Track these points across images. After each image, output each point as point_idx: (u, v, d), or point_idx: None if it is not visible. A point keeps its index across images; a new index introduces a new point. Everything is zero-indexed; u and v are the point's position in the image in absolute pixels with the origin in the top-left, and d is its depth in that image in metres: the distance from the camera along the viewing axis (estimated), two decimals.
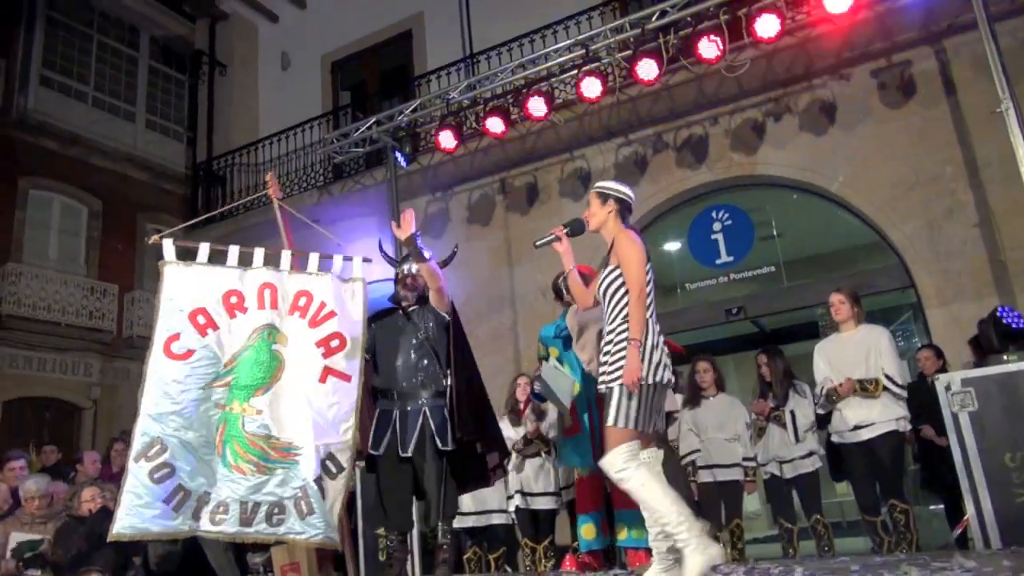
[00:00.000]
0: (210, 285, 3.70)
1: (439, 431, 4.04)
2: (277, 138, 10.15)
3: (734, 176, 7.72)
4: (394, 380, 4.15)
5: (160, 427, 3.40)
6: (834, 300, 5.02)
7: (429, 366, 4.16)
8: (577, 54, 7.04)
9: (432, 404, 4.10)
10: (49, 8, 13.57)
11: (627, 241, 3.26)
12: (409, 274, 4.36)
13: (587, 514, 4.36)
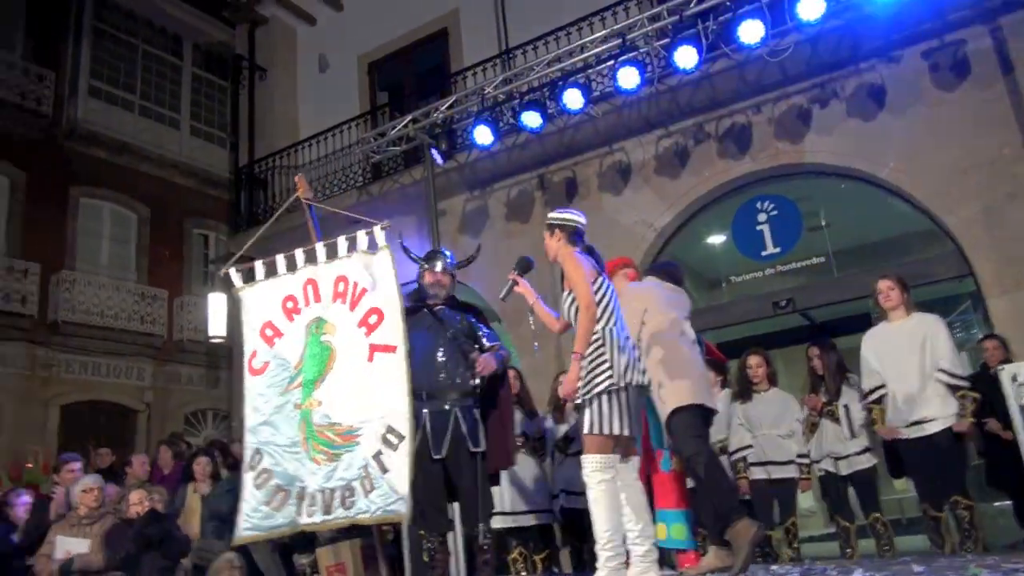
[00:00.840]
0: (270, 298, 3.94)
1: (471, 433, 4.02)
2: (316, 140, 10.22)
3: (779, 165, 7.51)
4: (422, 380, 4.04)
5: (256, 438, 3.77)
6: (882, 287, 4.82)
7: (457, 366, 4.13)
8: (614, 44, 6.91)
9: (461, 405, 4.08)
10: (96, 20, 13.91)
11: (570, 263, 3.59)
12: (432, 271, 4.33)
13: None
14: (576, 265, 3.56)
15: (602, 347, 3.45)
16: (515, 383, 5.68)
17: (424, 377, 4.08)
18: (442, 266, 4.40)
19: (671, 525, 4.14)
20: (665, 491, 4.16)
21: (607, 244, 7.85)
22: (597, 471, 3.37)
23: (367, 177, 9.86)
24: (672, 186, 7.91)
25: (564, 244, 3.72)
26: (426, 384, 4.08)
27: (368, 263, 3.78)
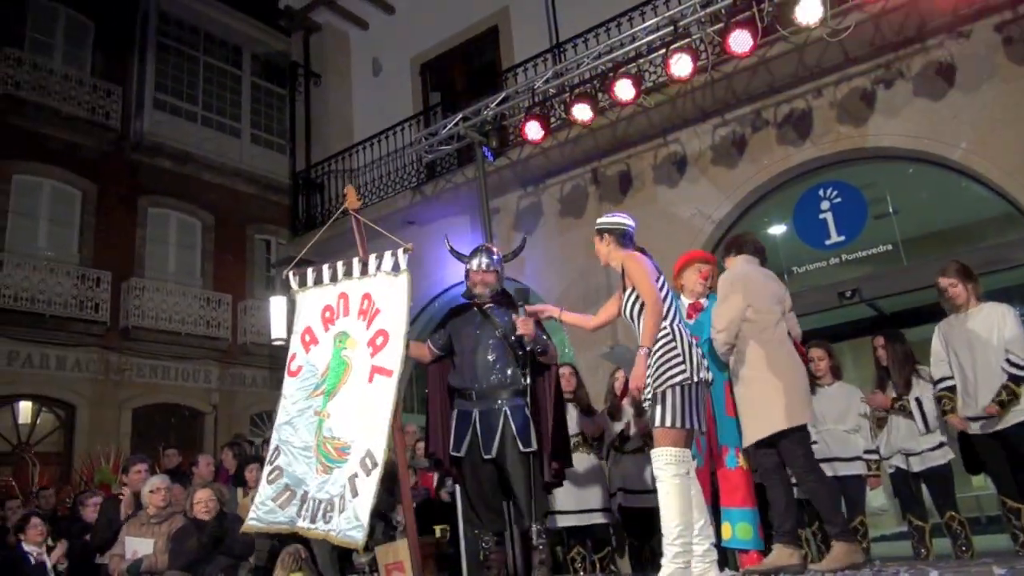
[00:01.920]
0: (313, 305, 4.06)
1: (521, 432, 3.96)
2: (370, 142, 10.31)
3: (842, 150, 7.22)
4: (472, 379, 4.08)
5: (279, 436, 3.91)
6: (944, 285, 4.60)
7: (507, 364, 4.08)
8: (665, 32, 6.75)
9: (511, 404, 4.02)
10: (160, 35, 14.37)
11: (632, 263, 3.62)
12: (481, 270, 4.25)
13: None
14: (638, 264, 3.61)
15: (672, 342, 3.46)
16: (571, 380, 5.61)
17: (473, 376, 4.08)
18: (484, 263, 4.30)
19: (736, 524, 4.00)
20: (731, 488, 4.03)
21: (664, 237, 7.74)
22: (671, 464, 3.36)
23: (421, 178, 9.90)
24: (730, 176, 7.69)
25: (615, 248, 3.80)
26: (475, 383, 4.06)
27: (389, 284, 3.84)
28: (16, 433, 11.92)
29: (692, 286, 4.40)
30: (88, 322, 12.28)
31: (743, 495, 4.01)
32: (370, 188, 10.23)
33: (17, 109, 12.29)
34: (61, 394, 12.21)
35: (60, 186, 12.97)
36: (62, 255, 12.68)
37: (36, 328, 11.77)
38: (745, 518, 3.99)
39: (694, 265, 4.41)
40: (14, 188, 12.35)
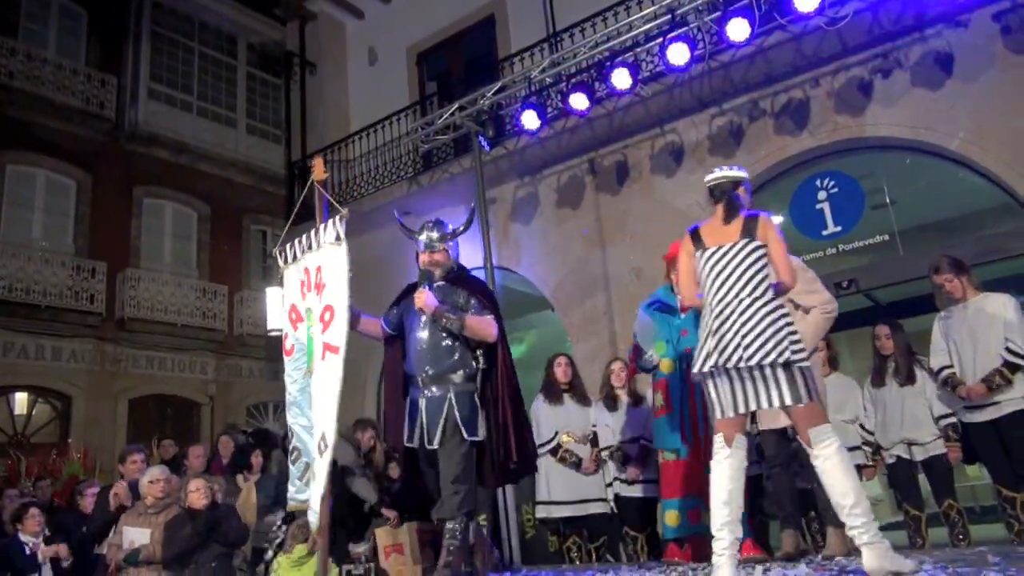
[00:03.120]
0: (293, 280, 3.92)
1: (466, 421, 3.74)
2: (367, 132, 10.27)
3: (839, 140, 7.21)
4: (420, 365, 3.85)
5: (289, 417, 3.92)
6: (940, 282, 4.62)
7: (457, 348, 3.84)
8: (663, 20, 6.72)
9: (460, 390, 3.80)
10: (154, 24, 14.26)
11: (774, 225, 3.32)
12: (430, 248, 4.00)
13: (671, 500, 4.13)
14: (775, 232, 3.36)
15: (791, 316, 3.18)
16: (567, 370, 5.60)
17: (421, 361, 3.85)
18: (432, 239, 4.03)
19: None
20: None
21: (661, 228, 7.72)
22: (834, 436, 3.04)
23: (417, 168, 9.87)
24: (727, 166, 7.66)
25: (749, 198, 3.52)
26: (423, 369, 3.84)
27: (333, 255, 3.66)
28: (12, 424, 11.90)
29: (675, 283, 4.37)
30: (84, 313, 12.23)
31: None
32: (366, 178, 10.20)
33: (11, 99, 12.20)
34: (57, 385, 12.17)
35: (55, 176, 12.90)
36: (57, 245, 12.62)
37: (31, 319, 11.72)
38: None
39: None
40: (8, 178, 12.27)
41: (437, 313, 3.79)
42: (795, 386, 3.02)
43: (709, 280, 3.25)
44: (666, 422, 4.20)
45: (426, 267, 3.98)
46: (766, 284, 3.16)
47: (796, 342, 3.04)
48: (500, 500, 5.64)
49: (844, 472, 2.97)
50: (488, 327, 3.84)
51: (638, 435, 5.28)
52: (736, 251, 3.21)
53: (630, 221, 8.12)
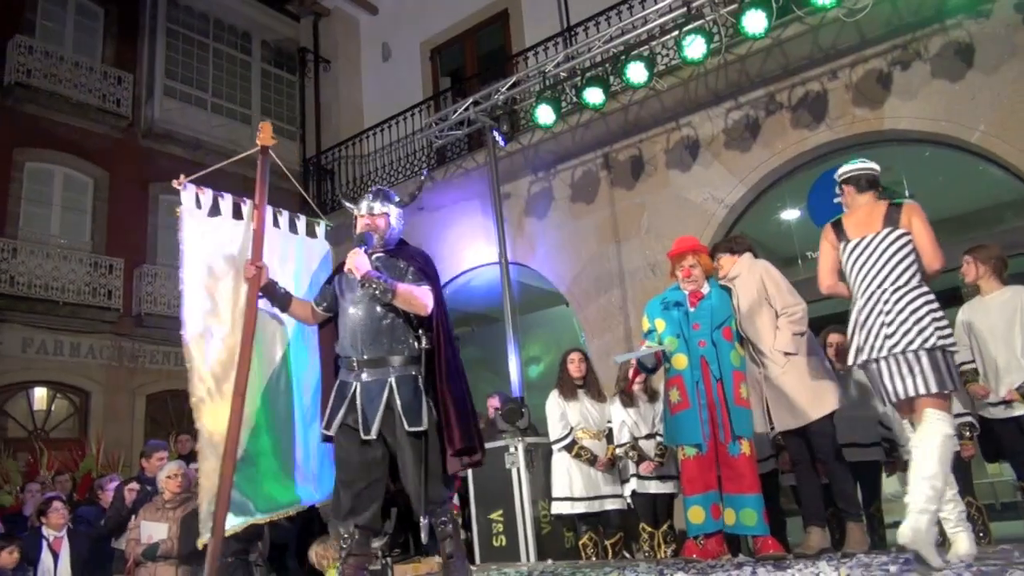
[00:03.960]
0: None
1: (407, 408, 3.32)
2: (381, 128, 10.28)
3: (858, 133, 7.13)
4: (355, 345, 3.44)
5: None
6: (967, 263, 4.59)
7: (398, 326, 3.43)
8: (678, 13, 6.66)
9: (401, 374, 3.38)
10: (169, 22, 14.30)
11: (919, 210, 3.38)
12: (371, 213, 3.61)
13: (694, 496, 4.11)
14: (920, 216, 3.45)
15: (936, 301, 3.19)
16: (581, 366, 5.58)
17: (355, 341, 3.45)
18: (372, 206, 3.62)
19: (740, 510, 3.98)
20: (735, 476, 4.01)
21: (677, 222, 7.68)
22: (946, 422, 3.05)
23: (431, 163, 9.86)
24: (743, 160, 7.62)
25: (856, 195, 3.63)
26: (358, 350, 3.44)
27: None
28: (32, 419, 12.02)
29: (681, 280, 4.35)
30: (101, 309, 12.30)
31: (748, 482, 3.98)
32: (380, 174, 10.21)
33: (29, 97, 12.29)
34: (75, 380, 12.27)
35: (72, 173, 12.97)
36: (75, 242, 12.71)
37: (50, 315, 11.82)
38: (749, 504, 3.97)
39: (685, 259, 4.32)
40: (26, 176, 12.36)
41: (366, 277, 3.36)
42: (939, 373, 3.03)
43: (853, 273, 3.33)
44: (684, 418, 4.17)
45: (363, 230, 3.58)
46: (911, 271, 3.21)
47: (942, 327, 3.07)
48: (515, 495, 5.63)
49: (942, 460, 2.96)
50: (422, 296, 3.41)
51: (654, 431, 5.26)
52: (879, 241, 3.29)
53: (645, 216, 8.08)
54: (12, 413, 11.84)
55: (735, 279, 4.33)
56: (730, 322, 4.15)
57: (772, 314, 4.13)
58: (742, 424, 4.02)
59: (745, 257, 4.41)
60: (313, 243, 4.26)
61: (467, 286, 9.82)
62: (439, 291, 3.54)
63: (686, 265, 4.28)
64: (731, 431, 4.00)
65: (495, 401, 6.66)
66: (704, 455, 4.06)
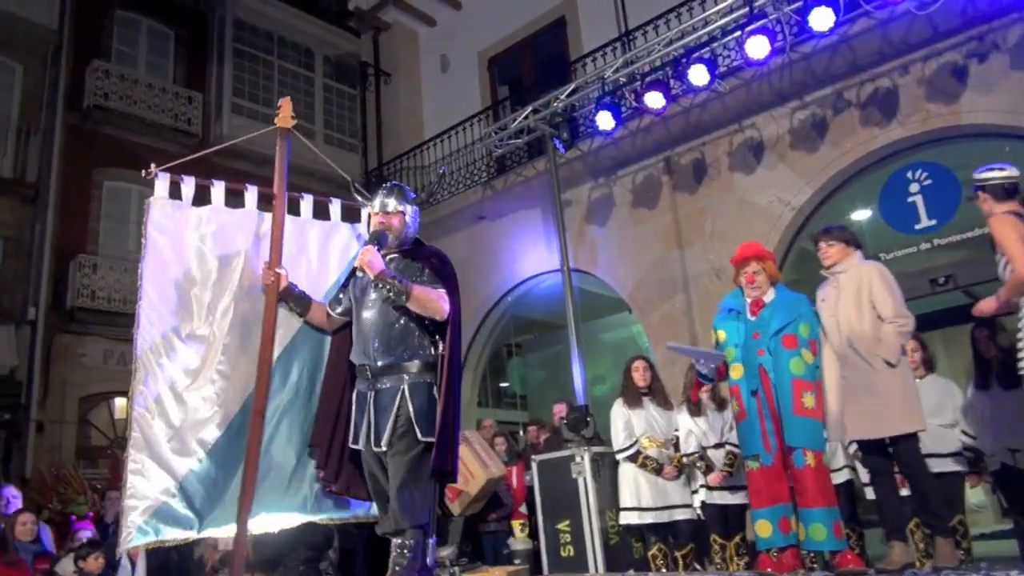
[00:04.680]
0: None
1: (421, 417, 3.13)
2: (440, 139, 10.37)
3: (932, 130, 6.87)
4: (367, 352, 3.27)
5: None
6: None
7: (413, 331, 3.26)
8: (740, 13, 6.54)
9: (414, 381, 3.20)
10: (235, 42, 14.77)
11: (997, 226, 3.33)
12: (385, 211, 3.44)
13: (761, 509, 3.98)
14: (1003, 228, 3.34)
15: None
16: (646, 374, 5.50)
17: (369, 347, 3.27)
18: (387, 203, 3.45)
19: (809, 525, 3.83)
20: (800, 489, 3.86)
21: (741, 226, 7.54)
22: None
23: (491, 172, 9.91)
24: (810, 161, 7.42)
25: (993, 204, 3.51)
26: (372, 356, 3.26)
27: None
28: (113, 428, 12.51)
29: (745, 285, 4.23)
30: None
31: (813, 495, 3.83)
32: (441, 184, 10.29)
33: (106, 119, 12.84)
34: None
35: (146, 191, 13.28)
36: None
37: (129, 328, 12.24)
38: (816, 518, 3.81)
39: (748, 265, 4.20)
40: (105, 195, 12.91)
41: (380, 277, 3.18)
42: None
43: None
44: (743, 429, 4.06)
45: (377, 229, 3.41)
46: None
47: None
48: (582, 505, 5.58)
49: None
50: (438, 300, 3.22)
51: (723, 440, 5.15)
52: None
53: (709, 220, 7.94)
54: (95, 423, 12.35)
55: (841, 274, 4.11)
56: (793, 329, 3.98)
57: (873, 318, 3.92)
58: (803, 435, 3.86)
59: (857, 254, 4.18)
60: (344, 231, 3.96)
61: (529, 293, 9.82)
62: (456, 294, 3.35)
63: (750, 271, 4.17)
64: (785, 442, 3.87)
65: (561, 408, 6.62)
66: (770, 467, 3.93)
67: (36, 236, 11.94)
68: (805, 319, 4.03)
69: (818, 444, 3.90)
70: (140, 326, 3.32)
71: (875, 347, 3.85)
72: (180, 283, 3.40)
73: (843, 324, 3.96)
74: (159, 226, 3.43)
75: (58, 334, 11.79)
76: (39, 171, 12.14)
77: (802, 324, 4.01)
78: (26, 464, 10.89)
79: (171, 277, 3.37)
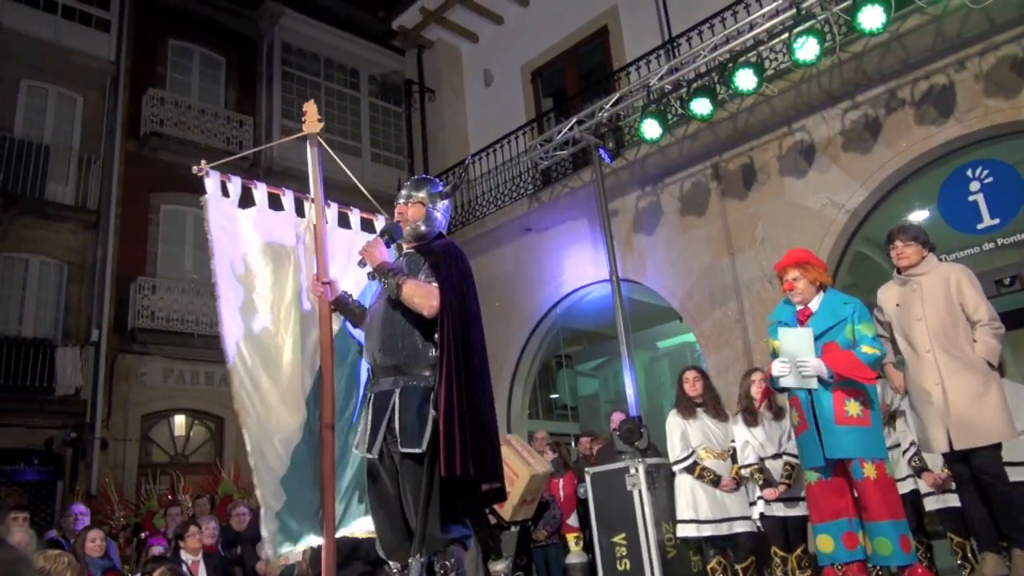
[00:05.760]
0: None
1: (405, 425, 2.92)
2: (486, 153, 10.42)
3: (992, 126, 6.63)
4: (371, 350, 3.15)
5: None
6: None
7: (413, 331, 3.06)
8: (787, 15, 6.43)
9: (407, 384, 3.01)
10: (283, 65, 15.13)
11: None
12: (403, 203, 3.33)
13: (822, 524, 3.85)
14: None
15: None
16: (697, 384, 5.40)
17: (372, 348, 3.14)
18: (404, 194, 3.34)
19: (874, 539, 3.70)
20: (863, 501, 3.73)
21: (794, 231, 7.38)
22: None
23: (537, 184, 9.91)
24: (863, 162, 7.24)
25: None
26: (374, 356, 3.13)
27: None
28: (173, 444, 12.83)
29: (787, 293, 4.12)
30: None
31: (876, 507, 3.69)
32: (487, 197, 10.34)
33: (162, 145, 13.26)
34: (210, 408, 13.01)
35: (201, 213, 13.84)
36: (206, 278, 13.46)
37: (187, 347, 12.61)
38: (881, 532, 3.68)
39: (788, 273, 4.09)
40: (163, 218, 13.32)
41: (378, 269, 3.09)
42: None
43: None
44: (804, 440, 3.95)
45: (396, 220, 3.32)
46: None
47: None
48: (638, 518, 5.49)
49: None
50: (426, 296, 3.00)
51: (781, 451, 5.03)
52: None
53: (760, 225, 7.80)
54: (156, 440, 12.68)
55: (921, 276, 3.98)
56: (834, 335, 3.86)
57: (964, 321, 3.79)
58: (849, 445, 3.72)
59: (933, 257, 4.07)
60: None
61: (577, 304, 9.77)
62: (455, 290, 3.06)
63: (789, 279, 4.08)
64: (827, 454, 3.74)
65: (618, 418, 6.55)
66: (830, 480, 3.81)
67: (98, 260, 12.36)
68: (850, 322, 3.89)
69: (874, 453, 3.76)
70: (224, 324, 3.28)
71: (971, 352, 3.71)
72: (246, 282, 3.38)
73: (933, 329, 3.80)
74: (219, 224, 3.41)
75: (120, 355, 12.16)
76: (99, 197, 12.57)
77: (846, 327, 3.88)
78: (91, 481, 11.23)
79: (237, 275, 3.36)
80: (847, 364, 3.74)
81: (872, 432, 3.77)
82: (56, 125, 12.77)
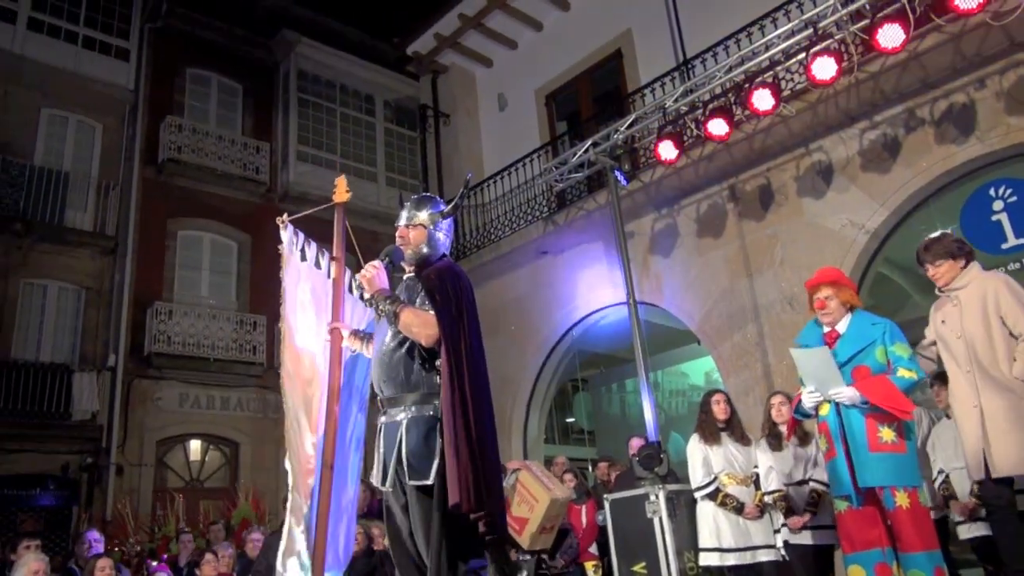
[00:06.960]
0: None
1: (412, 456, 2.85)
2: (500, 176, 10.42)
3: (1014, 144, 6.53)
4: (378, 380, 3.10)
5: None
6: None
7: (417, 358, 2.98)
8: (803, 36, 6.39)
9: (412, 414, 2.93)
10: (299, 91, 15.29)
11: None
12: (404, 225, 3.22)
13: (853, 554, 3.72)
14: None
15: None
16: (724, 407, 5.30)
17: (379, 378, 3.08)
18: (405, 216, 3.23)
19: (908, 571, 3.56)
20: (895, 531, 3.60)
21: (814, 252, 7.29)
22: None
23: (552, 207, 9.87)
24: (883, 182, 7.15)
25: None
26: (380, 387, 3.08)
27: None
28: (188, 469, 12.79)
29: (816, 311, 4.01)
30: (247, 364, 13.03)
31: (909, 537, 3.56)
32: (502, 220, 10.32)
33: (179, 171, 13.40)
34: (226, 432, 13.00)
35: (217, 238, 13.96)
36: (222, 302, 13.58)
37: (203, 371, 12.64)
38: (915, 564, 3.54)
39: (819, 291, 3.98)
40: (179, 243, 13.42)
41: (376, 295, 3.04)
42: None
43: None
44: (833, 467, 3.82)
45: (395, 245, 3.26)
46: None
47: None
48: (659, 545, 5.37)
49: None
50: (424, 326, 2.90)
51: (807, 477, 4.90)
52: None
53: (778, 247, 7.71)
54: (171, 464, 12.65)
55: (960, 290, 3.82)
56: (864, 358, 3.74)
57: (1005, 335, 3.60)
58: (882, 473, 3.59)
59: (974, 266, 3.88)
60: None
61: (594, 328, 9.69)
62: (454, 316, 2.95)
63: (821, 297, 3.95)
64: (860, 482, 3.62)
65: (637, 443, 6.44)
66: (861, 508, 3.69)
67: (115, 286, 12.44)
68: (881, 343, 3.76)
69: (908, 481, 3.62)
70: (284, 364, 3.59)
71: (1009, 371, 3.54)
72: (297, 324, 3.66)
73: (971, 346, 3.65)
74: (291, 276, 3.74)
75: (136, 379, 12.20)
76: (117, 224, 12.68)
77: (877, 350, 3.75)
78: (107, 506, 11.20)
79: (296, 319, 3.67)
80: (884, 395, 3.59)
81: (907, 459, 3.63)
82: (75, 152, 12.94)
